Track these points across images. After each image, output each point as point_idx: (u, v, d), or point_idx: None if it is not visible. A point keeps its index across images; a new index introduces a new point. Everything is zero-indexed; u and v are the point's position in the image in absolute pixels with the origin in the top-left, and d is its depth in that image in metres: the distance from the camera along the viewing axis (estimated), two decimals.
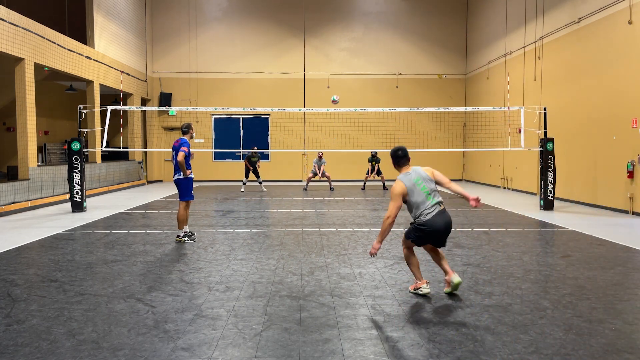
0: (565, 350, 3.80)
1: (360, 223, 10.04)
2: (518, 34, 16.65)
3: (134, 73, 19.50)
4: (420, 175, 5.06)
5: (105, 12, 17.02)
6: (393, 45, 21.90)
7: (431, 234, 4.95)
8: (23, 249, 7.56)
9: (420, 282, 5.17)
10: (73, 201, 11.73)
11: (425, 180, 5.04)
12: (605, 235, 8.56)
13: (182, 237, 8.00)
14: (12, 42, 11.82)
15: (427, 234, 4.95)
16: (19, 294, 5.21)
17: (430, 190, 5.00)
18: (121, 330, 4.19)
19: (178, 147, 7.83)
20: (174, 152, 7.93)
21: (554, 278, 5.83)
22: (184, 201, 8.00)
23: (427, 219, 4.92)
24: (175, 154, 7.86)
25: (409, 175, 5.07)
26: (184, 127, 8.13)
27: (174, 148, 7.93)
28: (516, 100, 16.49)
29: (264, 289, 5.37)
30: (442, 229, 4.95)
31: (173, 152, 7.95)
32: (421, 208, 4.96)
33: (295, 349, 3.81)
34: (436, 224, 4.91)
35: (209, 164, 21.71)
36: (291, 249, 7.52)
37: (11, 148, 15.84)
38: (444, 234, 4.99)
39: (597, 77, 12.38)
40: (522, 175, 16.50)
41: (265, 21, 21.62)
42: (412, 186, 4.99)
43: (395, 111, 17.39)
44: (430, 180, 5.06)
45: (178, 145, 7.86)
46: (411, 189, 4.98)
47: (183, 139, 7.90)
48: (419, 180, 5.02)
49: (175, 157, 7.84)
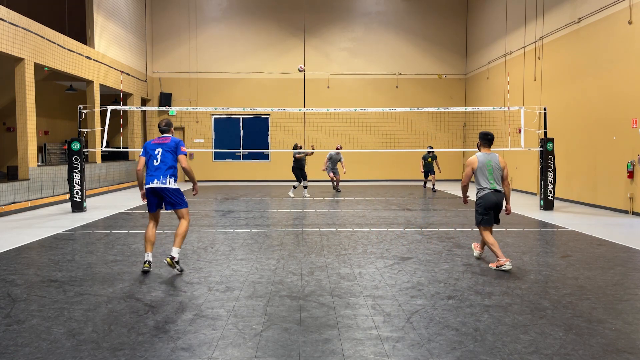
0: (565, 350, 3.80)
1: (360, 223, 10.04)
2: (518, 34, 16.65)
3: (134, 73, 19.50)
4: (493, 160, 6.19)
5: (105, 12, 17.02)
6: (393, 45, 21.90)
7: (486, 205, 6.11)
8: (23, 249, 7.56)
9: (503, 260, 6.00)
10: (73, 201, 11.73)
11: (495, 166, 6.16)
12: (605, 235, 8.55)
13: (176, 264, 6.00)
14: (12, 42, 11.82)
15: (484, 205, 6.12)
16: (19, 294, 5.20)
17: (495, 176, 6.13)
18: (121, 330, 4.19)
19: (174, 147, 6.11)
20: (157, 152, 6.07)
21: (554, 278, 5.83)
22: (186, 208, 6.21)
23: (483, 194, 6.15)
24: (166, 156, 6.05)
25: (486, 155, 6.21)
26: (166, 123, 6.33)
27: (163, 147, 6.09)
28: (516, 100, 16.49)
29: (264, 289, 5.37)
30: (494, 203, 6.12)
31: (155, 153, 6.08)
32: (482, 185, 6.17)
33: (295, 349, 3.81)
34: (490, 199, 6.11)
35: (209, 164, 21.72)
36: (291, 249, 7.52)
37: (11, 148, 15.83)
38: (495, 208, 6.15)
39: (597, 77, 12.38)
40: (522, 175, 16.50)
41: (265, 21, 21.62)
42: (482, 165, 6.14)
43: (395, 111, 17.39)
44: (499, 169, 6.18)
45: (173, 145, 6.12)
46: (481, 167, 6.14)
47: (175, 138, 6.22)
48: (490, 163, 6.15)
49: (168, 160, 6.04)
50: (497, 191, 6.17)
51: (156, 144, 6.15)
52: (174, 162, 6.12)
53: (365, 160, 21.42)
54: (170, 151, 6.10)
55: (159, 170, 6.01)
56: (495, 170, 6.18)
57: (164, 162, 6.03)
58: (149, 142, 6.22)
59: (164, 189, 6.01)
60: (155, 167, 6.02)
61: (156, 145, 6.13)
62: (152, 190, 6.04)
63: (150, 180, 6.00)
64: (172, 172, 6.07)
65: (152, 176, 6.02)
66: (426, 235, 8.59)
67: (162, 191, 6.02)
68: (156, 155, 6.06)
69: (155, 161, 6.04)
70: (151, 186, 6.00)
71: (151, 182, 6.00)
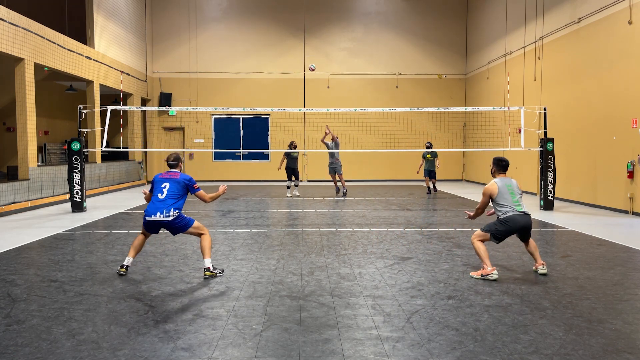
0: (565, 350, 3.80)
1: (360, 223, 10.04)
2: (518, 34, 16.65)
3: (134, 73, 19.50)
4: (512, 184, 6.08)
5: (105, 12, 17.01)
6: (393, 45, 21.90)
7: (511, 228, 5.87)
8: (23, 249, 7.55)
9: (490, 269, 5.79)
10: (73, 201, 11.73)
11: (515, 188, 6.06)
12: (605, 235, 8.55)
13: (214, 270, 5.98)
14: (12, 42, 11.82)
15: (508, 227, 5.86)
16: (19, 294, 5.20)
17: (518, 197, 5.99)
18: (121, 330, 4.19)
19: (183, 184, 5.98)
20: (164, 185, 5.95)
21: (554, 278, 5.83)
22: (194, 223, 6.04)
23: (509, 215, 5.87)
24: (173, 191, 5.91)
25: (504, 180, 6.09)
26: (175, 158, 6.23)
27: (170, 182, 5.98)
28: (516, 100, 16.49)
29: (264, 289, 5.37)
30: (522, 225, 5.89)
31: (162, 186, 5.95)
32: (507, 207, 5.91)
33: (295, 349, 3.81)
34: (517, 222, 5.85)
35: (209, 164, 21.72)
36: (291, 249, 7.52)
37: (11, 148, 15.83)
38: (523, 229, 5.94)
39: (597, 77, 12.38)
40: (522, 175, 16.49)
41: (265, 21, 21.63)
42: (503, 189, 5.98)
43: (395, 111, 17.38)
44: (519, 190, 6.09)
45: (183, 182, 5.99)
46: (502, 191, 5.97)
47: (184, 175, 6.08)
48: (510, 187, 6.02)
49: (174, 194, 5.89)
50: (524, 213, 5.89)
51: (164, 178, 6.02)
52: (181, 198, 5.95)
53: (365, 160, 21.42)
54: (179, 187, 5.95)
55: (163, 204, 5.83)
56: (516, 190, 6.01)
57: (170, 197, 5.87)
58: (157, 176, 6.11)
59: (168, 223, 5.85)
60: (160, 200, 5.85)
61: (164, 180, 6.01)
62: (154, 222, 5.88)
63: (153, 212, 5.81)
64: (177, 204, 5.89)
65: (154, 208, 5.83)
66: (426, 235, 8.59)
67: (166, 224, 5.88)
68: (162, 189, 5.92)
69: (160, 194, 5.88)
70: (153, 219, 5.83)
71: (154, 214, 5.80)
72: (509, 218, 5.85)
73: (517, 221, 5.84)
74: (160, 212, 5.78)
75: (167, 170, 6.17)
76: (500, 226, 5.89)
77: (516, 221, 5.84)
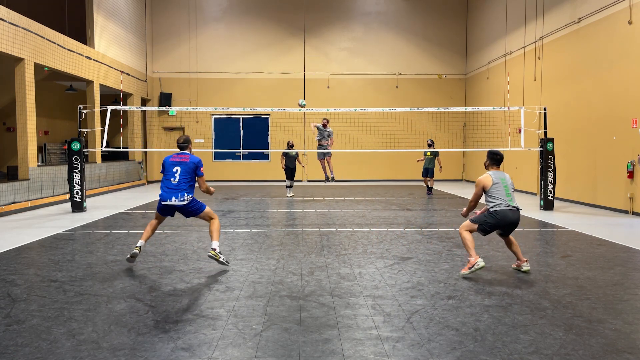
0: (565, 350, 3.80)
1: (360, 223, 10.04)
2: (518, 34, 16.65)
3: (134, 73, 19.50)
4: (506, 178, 6.09)
5: (105, 12, 17.02)
6: (393, 45, 21.90)
7: (500, 222, 5.86)
8: (23, 249, 7.56)
9: (474, 259, 5.80)
10: (73, 201, 11.73)
11: (508, 182, 6.06)
12: (605, 235, 8.56)
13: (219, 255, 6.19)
14: (12, 42, 11.82)
15: (497, 221, 5.86)
16: (19, 294, 5.21)
17: (511, 192, 5.99)
18: (121, 330, 4.19)
19: (193, 167, 6.20)
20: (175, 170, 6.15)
21: (554, 278, 5.83)
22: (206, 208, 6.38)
23: (501, 209, 5.86)
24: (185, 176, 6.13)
25: (497, 173, 6.08)
26: (184, 140, 6.45)
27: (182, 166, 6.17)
28: (516, 100, 16.49)
29: (264, 289, 5.37)
30: (511, 220, 5.90)
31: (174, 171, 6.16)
32: (499, 201, 5.89)
33: (295, 349, 3.81)
34: (507, 216, 5.86)
35: (209, 164, 21.70)
36: (291, 249, 7.52)
37: (11, 148, 15.84)
38: (511, 225, 5.94)
39: (597, 77, 12.38)
40: (522, 175, 16.49)
41: (265, 21, 21.62)
42: (497, 182, 5.98)
43: (395, 111, 17.37)
44: (512, 185, 6.09)
45: (192, 165, 6.20)
46: (495, 183, 5.96)
47: (194, 157, 6.28)
48: (504, 180, 6.03)
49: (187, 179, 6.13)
50: (516, 209, 5.89)
51: (175, 161, 6.23)
52: (192, 181, 6.24)
53: (365, 160, 21.42)
54: (189, 171, 6.20)
55: (177, 189, 6.11)
56: (510, 186, 6.01)
57: (183, 181, 6.14)
58: (168, 159, 6.30)
59: (182, 207, 6.16)
60: (174, 185, 6.12)
61: (175, 163, 6.21)
62: (169, 206, 6.17)
63: (168, 197, 6.11)
64: (190, 189, 6.19)
65: (169, 193, 6.11)
66: (426, 235, 8.59)
67: (180, 208, 6.19)
68: (174, 173, 6.15)
69: (173, 179, 6.14)
70: (169, 204, 6.13)
71: (169, 199, 6.11)
72: (499, 211, 5.85)
73: (508, 216, 5.85)
74: (175, 197, 6.10)
75: (177, 152, 6.37)
76: (490, 218, 5.89)
77: (506, 216, 5.85)
